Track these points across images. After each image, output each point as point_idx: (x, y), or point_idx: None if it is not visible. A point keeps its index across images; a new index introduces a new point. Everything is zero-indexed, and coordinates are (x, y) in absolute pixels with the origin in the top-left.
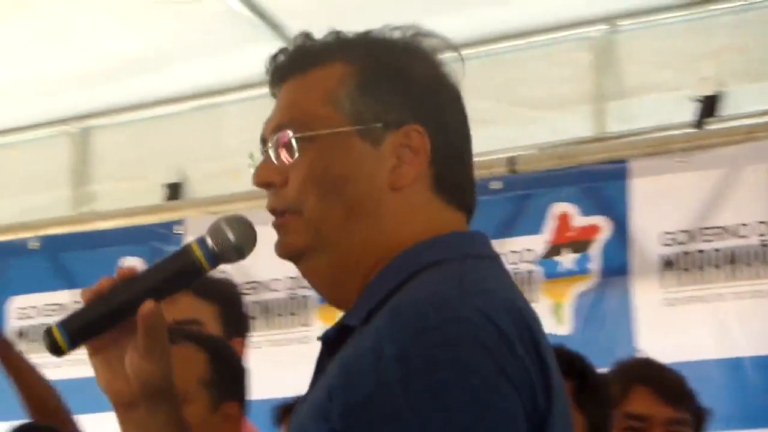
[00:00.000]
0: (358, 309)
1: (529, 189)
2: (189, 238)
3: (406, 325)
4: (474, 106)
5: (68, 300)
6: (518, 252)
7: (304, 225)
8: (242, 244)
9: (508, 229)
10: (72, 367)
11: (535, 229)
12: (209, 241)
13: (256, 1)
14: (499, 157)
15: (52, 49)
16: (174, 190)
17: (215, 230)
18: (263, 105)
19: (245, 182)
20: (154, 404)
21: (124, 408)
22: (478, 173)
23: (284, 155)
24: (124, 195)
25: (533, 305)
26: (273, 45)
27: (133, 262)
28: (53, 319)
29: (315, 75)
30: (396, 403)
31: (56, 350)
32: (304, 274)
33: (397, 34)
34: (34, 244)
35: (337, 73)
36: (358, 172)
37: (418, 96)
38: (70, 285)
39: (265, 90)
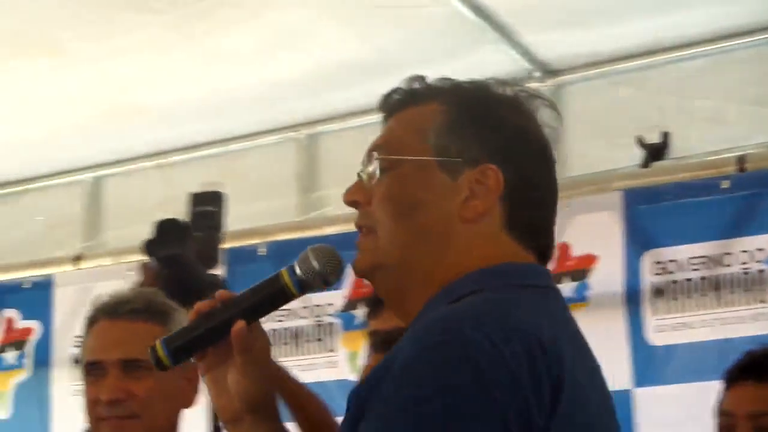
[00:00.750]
0: (409, 328)
1: (759, 188)
2: None
3: (418, 339)
4: (701, 105)
5: (298, 305)
6: (748, 251)
7: (375, 243)
8: (327, 272)
9: (737, 229)
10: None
11: (765, 228)
12: (297, 270)
13: (480, 4)
14: (728, 156)
15: (279, 56)
16: None
17: (303, 259)
18: None
19: None
20: (257, 419)
21: (230, 423)
22: (707, 173)
23: (371, 176)
24: None
25: None
26: (498, 48)
27: None
28: (283, 325)
29: (412, 111)
30: (382, 406)
31: (160, 365)
32: (376, 291)
33: (501, 89)
34: (262, 251)
35: (430, 111)
36: (432, 200)
37: (500, 140)
38: None
39: None
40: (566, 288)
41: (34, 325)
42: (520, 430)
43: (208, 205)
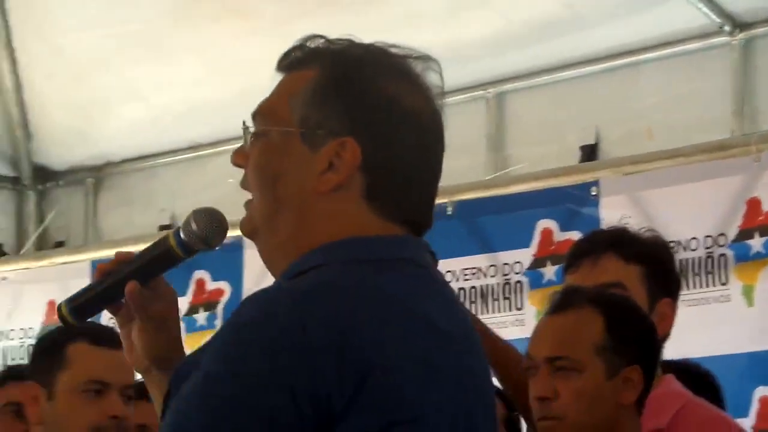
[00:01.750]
0: None
1: None
2: (604, 200)
3: (235, 315)
4: None
5: (485, 264)
6: None
7: (253, 210)
8: (207, 235)
9: None
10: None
11: None
12: (181, 233)
13: None
14: None
15: (467, 16)
16: (590, 152)
17: (185, 222)
18: (679, 63)
19: (661, 142)
20: (160, 372)
21: (141, 373)
22: None
23: (248, 141)
24: (539, 158)
25: None
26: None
27: (548, 225)
28: (471, 284)
29: (293, 76)
30: (191, 383)
31: (65, 322)
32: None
33: (392, 51)
34: (449, 210)
35: (304, 77)
36: (291, 171)
37: (365, 111)
38: (486, 249)
39: (682, 48)
40: (757, 243)
41: (224, 286)
42: (316, 418)
43: None
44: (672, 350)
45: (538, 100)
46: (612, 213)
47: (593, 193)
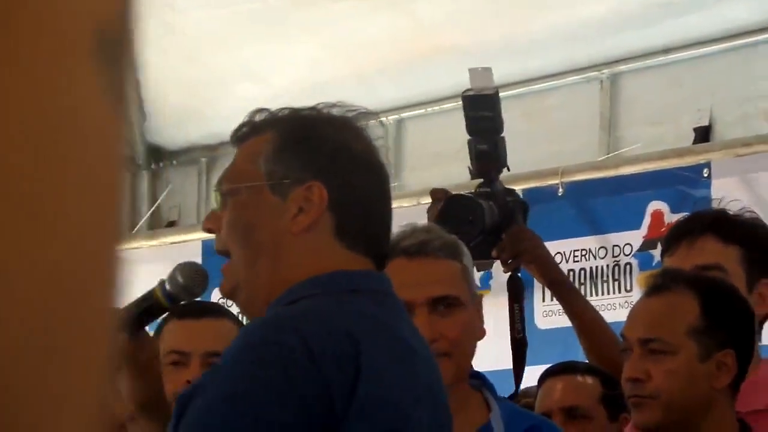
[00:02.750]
0: None
1: None
2: (716, 182)
3: (240, 338)
4: None
5: (595, 246)
6: None
7: (231, 268)
8: (191, 285)
9: None
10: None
11: None
12: (167, 285)
13: None
14: None
15: None
16: (703, 134)
17: (171, 276)
18: None
19: None
20: (147, 419)
21: (127, 422)
22: None
23: (219, 205)
24: (652, 139)
25: None
26: None
27: (659, 207)
28: (580, 265)
29: (251, 142)
30: (200, 400)
31: None
32: (241, 312)
33: (329, 110)
34: (560, 191)
35: (263, 140)
36: (265, 220)
37: (323, 158)
38: (597, 231)
39: None
40: None
41: None
42: (325, 420)
43: (484, 110)
44: None
45: (652, 81)
46: (724, 195)
47: (705, 175)
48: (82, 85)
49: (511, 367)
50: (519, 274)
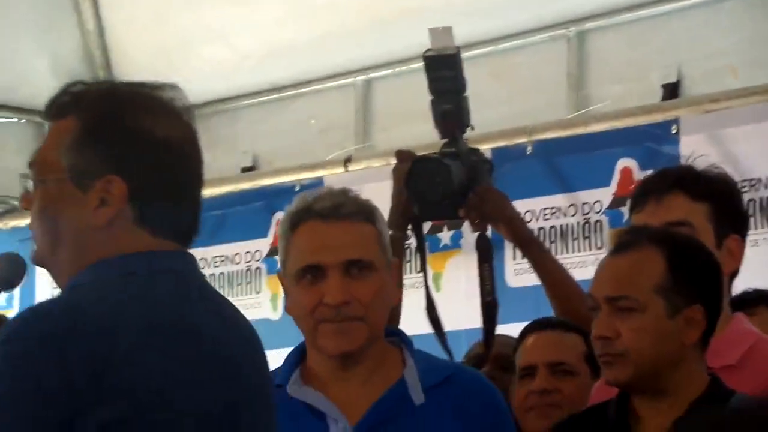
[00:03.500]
0: None
1: None
2: (684, 139)
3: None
4: None
5: (565, 203)
6: None
7: (38, 248)
8: (9, 277)
9: None
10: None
11: None
12: None
13: None
14: None
15: None
16: (671, 90)
17: None
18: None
19: (742, 80)
20: None
21: None
22: None
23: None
24: (620, 97)
25: None
26: None
27: (628, 164)
28: (550, 223)
29: (57, 125)
30: None
31: None
32: None
33: (141, 90)
34: (529, 149)
35: (65, 127)
36: (68, 212)
37: (124, 152)
38: (566, 189)
39: None
40: None
41: None
42: (67, 399)
43: (445, 70)
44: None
45: (619, 38)
46: (692, 151)
47: (673, 132)
48: None
49: (479, 326)
50: (488, 234)
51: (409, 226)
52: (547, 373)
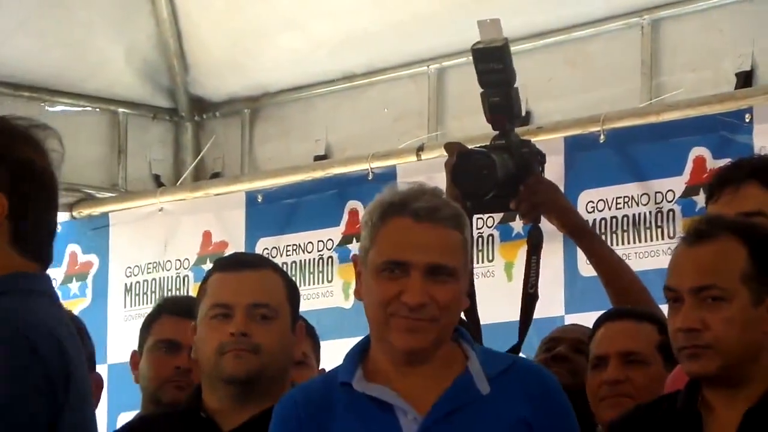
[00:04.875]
0: None
1: None
2: (758, 128)
3: None
4: None
5: (637, 192)
6: None
7: None
8: None
9: None
10: None
11: None
12: None
13: None
14: None
15: None
16: (745, 79)
17: None
18: None
19: None
20: None
21: None
22: None
23: None
24: (694, 85)
25: None
26: None
27: (702, 153)
28: (623, 213)
29: None
30: None
31: None
32: None
33: (18, 123)
34: (602, 138)
35: None
36: None
37: (6, 172)
38: (639, 178)
39: None
40: None
41: (93, 258)
42: (50, 398)
43: (494, 62)
44: None
45: (693, 26)
46: (766, 140)
47: (747, 120)
48: None
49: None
50: (539, 226)
51: None
52: (619, 362)
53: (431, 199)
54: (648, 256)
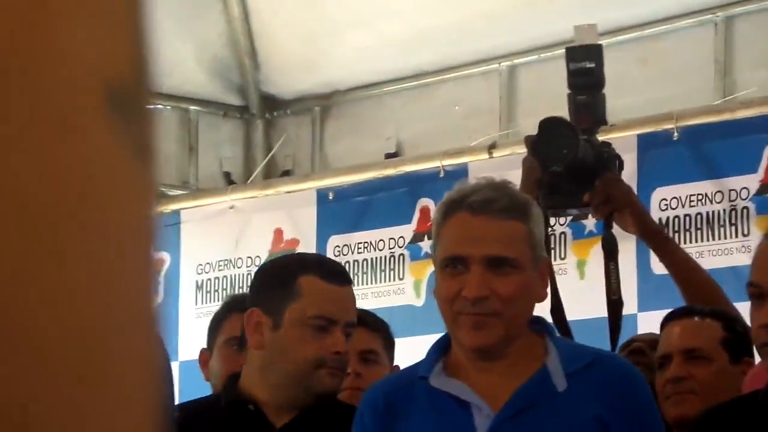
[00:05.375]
0: None
1: None
2: None
3: None
4: None
5: (711, 190)
6: None
7: None
8: None
9: None
10: None
11: None
12: None
13: None
14: None
15: None
16: None
17: None
18: None
19: None
20: None
21: None
22: None
23: None
24: (767, 83)
25: None
26: None
27: None
28: (696, 210)
29: None
30: None
31: None
32: None
33: None
34: (676, 135)
35: None
36: None
37: None
38: (713, 175)
39: None
40: None
41: (164, 256)
42: None
43: (586, 61)
44: None
45: (766, 23)
46: None
47: None
48: (95, 142)
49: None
50: (612, 232)
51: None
52: (681, 360)
53: (488, 191)
54: (722, 254)
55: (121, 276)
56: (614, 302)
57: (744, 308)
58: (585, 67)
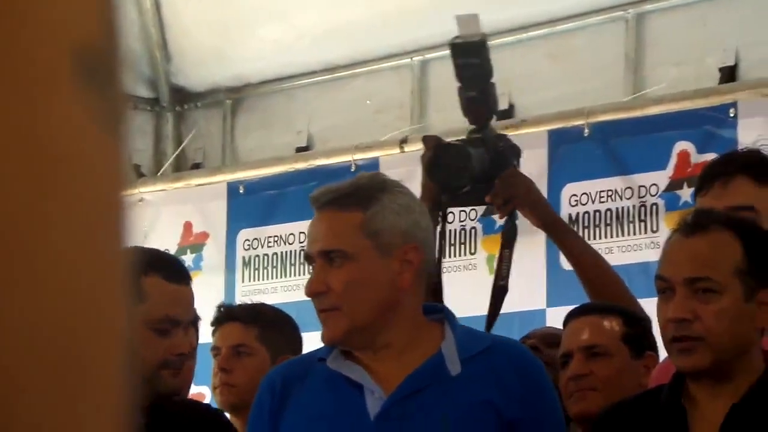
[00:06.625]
0: None
1: None
2: (742, 122)
3: None
4: None
5: (621, 186)
6: None
7: None
8: None
9: None
10: None
11: None
12: None
13: None
14: None
15: None
16: (729, 73)
17: None
18: None
19: None
20: None
21: None
22: None
23: None
24: (678, 79)
25: None
26: None
27: (686, 147)
28: (606, 206)
29: None
30: None
31: None
32: None
33: None
34: (586, 131)
35: None
36: None
37: None
38: (622, 171)
39: None
40: None
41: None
42: None
43: (471, 57)
44: None
45: (677, 20)
46: (750, 135)
47: (731, 115)
48: (61, 113)
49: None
50: (515, 222)
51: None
52: (582, 357)
53: (333, 187)
54: (631, 250)
55: (92, 257)
56: (500, 287)
57: (653, 304)
58: (469, 62)
